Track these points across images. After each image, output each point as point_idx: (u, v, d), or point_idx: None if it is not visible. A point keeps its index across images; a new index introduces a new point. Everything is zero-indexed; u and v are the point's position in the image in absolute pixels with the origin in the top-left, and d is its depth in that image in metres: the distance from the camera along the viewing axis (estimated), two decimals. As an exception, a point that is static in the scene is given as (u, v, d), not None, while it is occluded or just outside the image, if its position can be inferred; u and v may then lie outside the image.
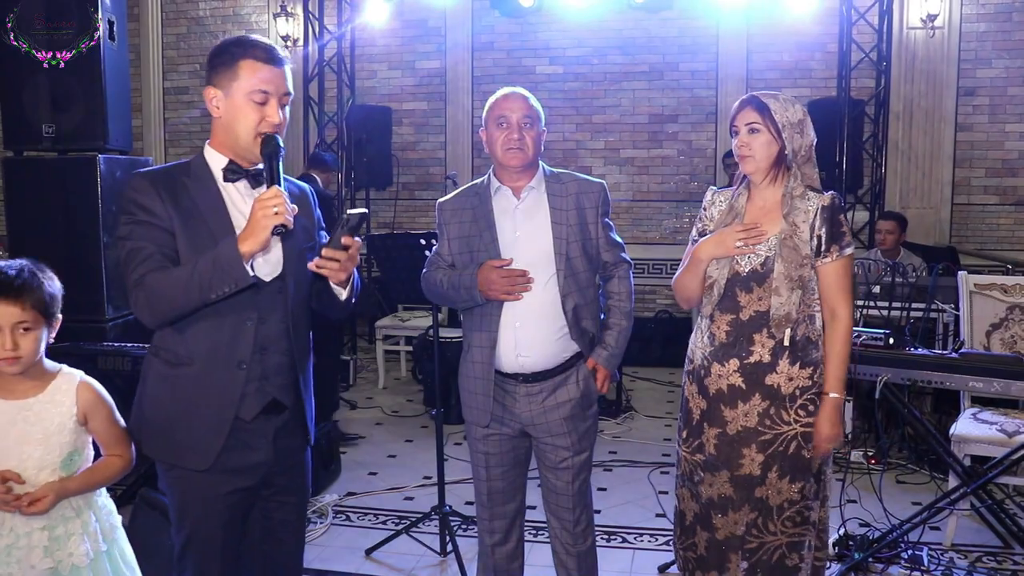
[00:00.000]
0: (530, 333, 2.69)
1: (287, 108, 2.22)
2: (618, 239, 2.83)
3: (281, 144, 2.15)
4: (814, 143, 2.62)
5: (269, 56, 2.15)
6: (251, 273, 2.02)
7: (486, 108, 2.77)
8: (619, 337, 2.78)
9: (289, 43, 8.12)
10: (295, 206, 2.07)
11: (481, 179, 2.85)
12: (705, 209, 2.74)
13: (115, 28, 4.67)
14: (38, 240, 4.60)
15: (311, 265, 2.10)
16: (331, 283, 2.20)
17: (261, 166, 2.18)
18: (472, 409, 2.82)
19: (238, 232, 2.10)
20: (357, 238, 2.11)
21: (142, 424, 2.26)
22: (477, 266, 2.67)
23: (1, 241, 6.45)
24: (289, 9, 8.01)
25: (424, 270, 2.87)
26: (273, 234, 2.01)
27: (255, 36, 2.21)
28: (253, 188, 2.20)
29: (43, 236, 4.58)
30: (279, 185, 2.07)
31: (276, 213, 1.98)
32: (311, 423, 2.40)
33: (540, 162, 2.79)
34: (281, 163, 2.13)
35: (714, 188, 2.77)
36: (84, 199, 4.51)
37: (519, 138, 2.66)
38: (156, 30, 8.65)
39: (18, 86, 4.58)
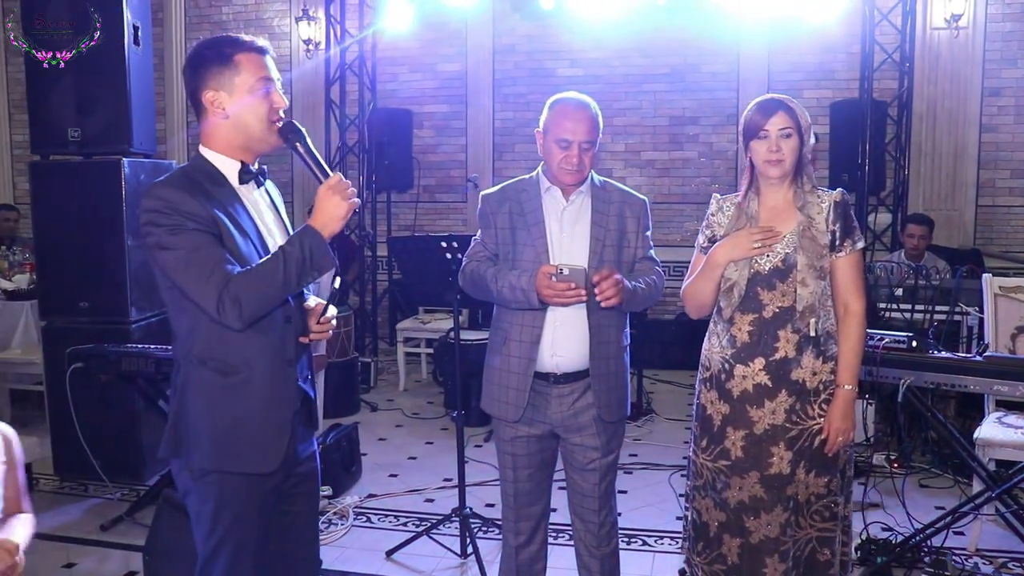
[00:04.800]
0: (566, 333, 2.72)
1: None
2: (655, 256, 2.85)
3: (303, 128, 2.21)
4: (815, 145, 2.69)
5: (260, 47, 2.20)
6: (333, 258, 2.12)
7: (550, 112, 2.76)
8: (645, 283, 2.72)
9: (311, 47, 8.16)
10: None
11: (529, 175, 2.87)
12: (713, 215, 2.76)
13: (139, 33, 4.71)
14: (64, 243, 4.66)
15: (303, 339, 2.26)
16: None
17: (257, 166, 2.26)
18: (501, 403, 2.80)
19: (261, 232, 2.20)
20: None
21: (189, 437, 2.17)
22: (536, 269, 2.64)
23: (28, 244, 6.53)
24: (311, 13, 8.05)
25: (464, 261, 2.88)
26: None
27: (231, 34, 2.24)
28: (257, 187, 2.26)
29: (69, 239, 4.65)
30: (320, 161, 2.18)
31: (355, 197, 2.13)
32: (317, 414, 2.45)
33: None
34: (312, 145, 2.20)
35: (718, 195, 2.79)
36: (109, 202, 4.57)
37: (577, 163, 2.70)
38: (179, 34, 8.73)
39: (44, 91, 4.64)
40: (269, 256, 2.10)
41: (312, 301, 2.38)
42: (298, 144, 2.18)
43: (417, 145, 8.14)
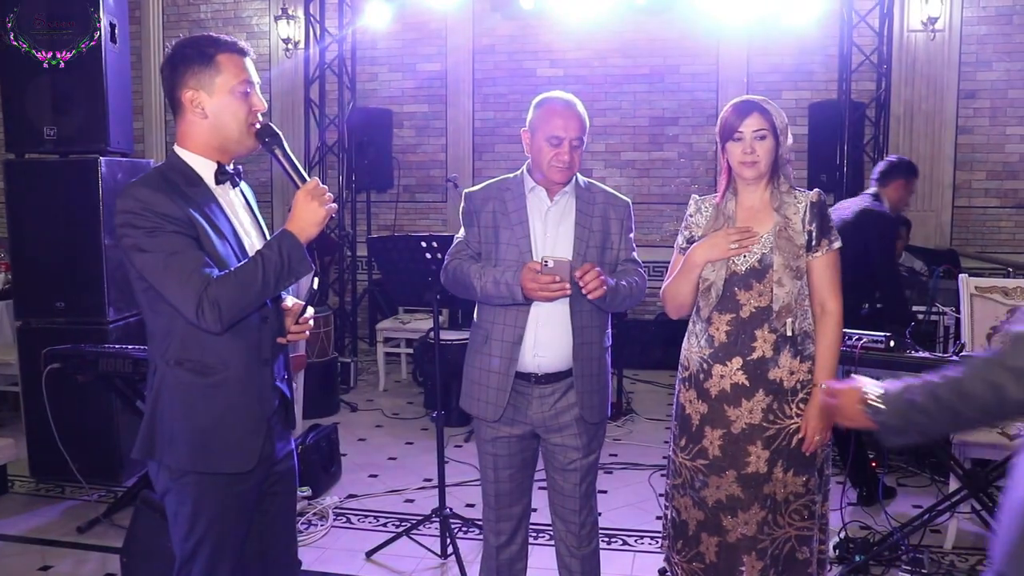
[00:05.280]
0: (548, 333, 2.72)
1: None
2: (637, 258, 2.86)
3: (278, 130, 2.21)
4: (791, 144, 2.71)
5: (241, 48, 2.19)
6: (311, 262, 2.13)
7: (537, 111, 2.76)
8: (627, 283, 2.72)
9: (290, 46, 8.13)
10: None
11: (513, 174, 2.86)
12: (691, 216, 2.78)
13: (116, 30, 4.67)
14: (39, 243, 4.61)
15: (281, 340, 2.26)
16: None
17: (232, 166, 2.25)
18: (480, 403, 2.80)
19: (238, 233, 2.20)
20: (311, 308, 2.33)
21: (165, 439, 2.15)
22: (520, 266, 2.65)
23: (2, 243, 6.46)
24: (290, 12, 8.02)
25: (447, 259, 2.86)
26: None
27: (212, 33, 2.22)
28: (232, 188, 2.26)
29: (44, 238, 4.60)
30: (297, 166, 2.18)
31: (333, 202, 2.13)
32: (294, 412, 2.44)
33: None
34: (289, 148, 2.20)
35: (696, 196, 2.80)
36: (85, 201, 4.53)
37: (569, 160, 2.70)
38: (157, 33, 8.67)
39: (20, 88, 4.59)
40: (247, 260, 2.10)
41: (290, 301, 2.37)
42: (276, 149, 2.18)
43: (397, 145, 8.12)
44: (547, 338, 2.72)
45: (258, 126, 2.19)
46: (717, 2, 7.09)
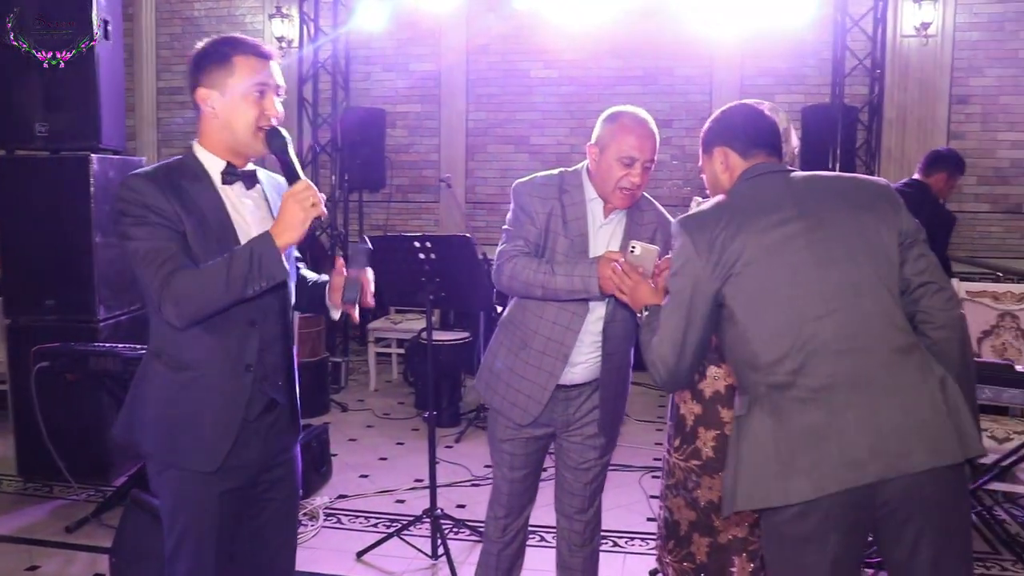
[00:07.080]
0: (585, 349, 2.70)
1: (280, 101, 2.24)
2: None
3: (286, 135, 2.18)
4: (797, 147, 2.69)
5: (261, 51, 2.18)
6: (287, 267, 2.07)
7: (609, 126, 2.65)
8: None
9: (284, 44, 8.11)
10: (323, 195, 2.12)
11: (569, 173, 2.73)
12: None
13: (109, 27, 4.66)
14: (30, 240, 4.59)
15: (338, 305, 2.29)
16: (329, 304, 2.34)
17: (252, 167, 2.24)
18: (507, 403, 2.77)
19: (239, 233, 2.16)
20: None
21: (139, 424, 2.20)
22: (594, 258, 2.56)
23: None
24: (284, 11, 7.99)
25: (500, 260, 2.69)
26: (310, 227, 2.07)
27: (240, 35, 2.23)
28: (247, 189, 2.23)
29: (35, 236, 4.58)
30: (294, 167, 2.13)
31: (313, 205, 2.04)
32: (299, 419, 2.41)
33: None
34: (292, 152, 2.16)
35: (699, 198, 2.80)
36: (77, 199, 4.51)
37: (639, 184, 2.60)
38: (150, 30, 8.63)
39: (11, 84, 4.56)
40: (219, 258, 2.07)
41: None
42: (281, 154, 2.15)
43: (390, 145, 8.11)
44: (584, 354, 2.71)
45: (266, 127, 2.16)
46: (711, 5, 7.10)
